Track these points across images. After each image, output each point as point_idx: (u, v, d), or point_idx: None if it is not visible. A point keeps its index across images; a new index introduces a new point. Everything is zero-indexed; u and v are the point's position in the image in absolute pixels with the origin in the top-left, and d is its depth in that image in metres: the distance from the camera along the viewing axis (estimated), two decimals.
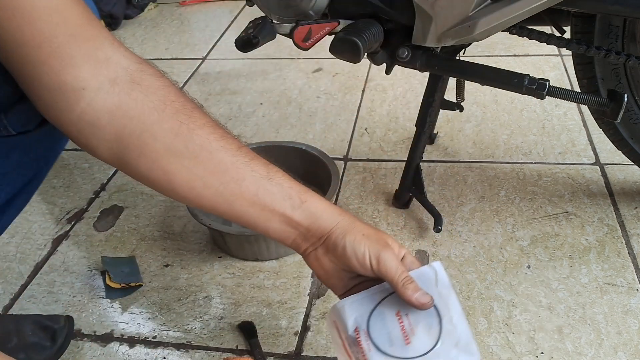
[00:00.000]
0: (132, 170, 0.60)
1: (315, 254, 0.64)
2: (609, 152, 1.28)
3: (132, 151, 0.58)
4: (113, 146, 0.58)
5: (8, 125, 0.66)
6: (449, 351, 0.58)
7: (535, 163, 1.28)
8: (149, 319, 1.00)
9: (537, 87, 0.90)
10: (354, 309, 0.63)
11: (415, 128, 1.12)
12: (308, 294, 1.02)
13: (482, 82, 0.97)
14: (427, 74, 1.06)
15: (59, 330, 0.93)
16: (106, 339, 0.97)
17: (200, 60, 1.90)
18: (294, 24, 0.90)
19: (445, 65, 0.97)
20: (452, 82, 1.20)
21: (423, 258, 1.07)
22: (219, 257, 1.11)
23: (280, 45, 1.81)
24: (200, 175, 0.59)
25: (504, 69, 0.94)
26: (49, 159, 0.76)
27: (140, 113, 0.57)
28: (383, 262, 0.60)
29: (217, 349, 0.93)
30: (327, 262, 0.64)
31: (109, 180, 1.36)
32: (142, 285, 1.06)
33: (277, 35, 0.92)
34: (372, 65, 1.73)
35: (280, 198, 0.62)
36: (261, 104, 1.61)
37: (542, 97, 0.91)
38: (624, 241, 1.06)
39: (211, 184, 0.60)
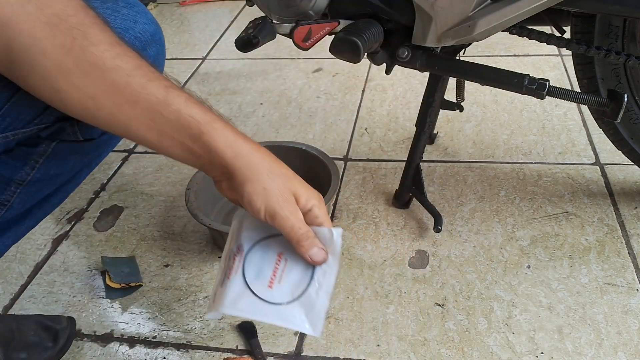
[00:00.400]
0: (26, 86, 0.58)
1: (221, 185, 0.61)
2: (609, 152, 1.28)
3: (23, 66, 0.55)
4: (3, 59, 0.55)
5: (78, 132, 0.69)
6: (298, 315, 0.58)
7: (535, 163, 1.28)
8: (149, 319, 1.00)
9: (537, 87, 0.90)
10: (252, 227, 0.63)
11: (415, 128, 1.12)
12: None
13: (482, 82, 0.97)
14: (427, 74, 1.06)
15: (60, 331, 0.93)
16: (106, 339, 0.97)
17: (200, 60, 1.90)
18: (294, 24, 0.90)
19: (445, 65, 0.97)
20: (452, 82, 1.20)
21: (423, 258, 1.07)
22: (219, 257, 1.11)
23: (280, 45, 1.81)
24: (92, 96, 0.56)
25: (504, 69, 0.94)
26: (92, 164, 0.79)
27: (30, 27, 0.53)
28: (278, 221, 0.58)
29: (217, 349, 0.93)
30: (233, 195, 0.61)
31: (109, 180, 1.36)
32: (142, 285, 1.06)
33: (277, 35, 0.92)
34: (372, 65, 1.73)
35: (179, 126, 0.57)
36: (261, 104, 1.61)
37: (542, 97, 0.91)
38: (624, 241, 1.06)
39: (104, 105, 0.56)
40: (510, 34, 0.93)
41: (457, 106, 1.23)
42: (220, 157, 0.57)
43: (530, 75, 0.90)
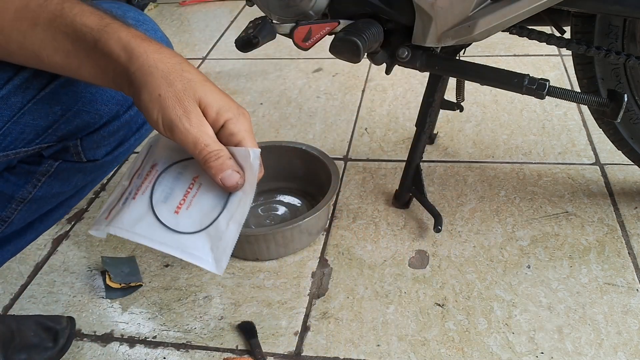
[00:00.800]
0: None
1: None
2: (609, 152, 1.28)
3: None
4: None
5: (82, 152, 0.68)
6: (202, 247, 0.50)
7: (535, 163, 1.28)
8: (149, 319, 1.00)
9: (537, 87, 0.90)
10: (172, 147, 0.54)
11: (415, 128, 1.12)
12: (308, 294, 1.02)
13: (482, 82, 0.97)
14: (427, 74, 1.06)
15: (60, 331, 0.93)
16: (106, 339, 0.97)
17: (200, 60, 1.90)
18: (294, 24, 0.90)
19: (445, 65, 0.97)
20: (452, 82, 1.20)
21: (423, 258, 1.07)
22: None
23: (280, 45, 1.81)
24: (0, 29, 0.53)
25: (504, 69, 0.94)
26: (96, 181, 0.78)
27: None
28: (177, 135, 0.49)
29: (217, 349, 0.93)
30: None
31: (109, 180, 1.36)
32: (142, 285, 1.06)
33: (277, 35, 0.92)
34: (372, 65, 1.73)
35: (76, 40, 0.51)
36: (261, 104, 1.61)
37: (542, 97, 0.91)
38: (624, 241, 1.06)
39: (11, 37, 0.53)
40: (510, 34, 0.93)
41: (457, 106, 1.23)
42: (116, 63, 0.50)
43: (530, 75, 0.90)
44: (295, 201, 1.22)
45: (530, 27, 0.92)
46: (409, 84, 1.62)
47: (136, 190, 0.53)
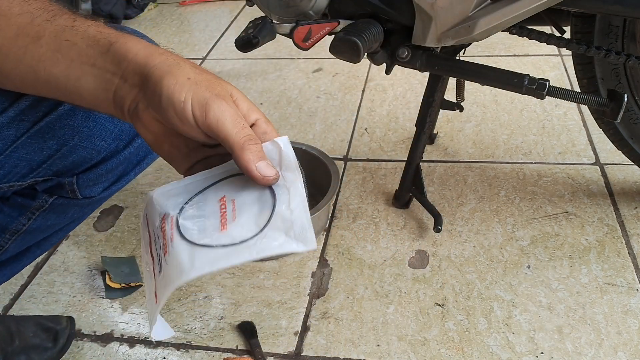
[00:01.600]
0: None
1: (137, 113, 0.48)
2: (609, 152, 1.28)
3: None
4: None
5: (77, 190, 0.67)
6: (275, 238, 0.44)
7: (535, 163, 1.28)
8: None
9: (537, 87, 0.90)
10: (172, 194, 0.50)
11: (415, 128, 1.12)
12: (308, 294, 1.02)
13: (482, 82, 0.97)
14: (427, 74, 1.06)
15: (60, 332, 0.93)
16: (106, 339, 0.97)
17: (200, 60, 1.90)
18: (294, 24, 0.90)
19: (445, 65, 0.97)
20: (452, 82, 1.20)
21: (423, 258, 1.07)
22: None
23: (280, 45, 1.81)
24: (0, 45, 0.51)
25: (504, 69, 0.94)
26: (95, 209, 0.77)
27: None
28: (214, 112, 0.44)
29: (217, 349, 0.93)
30: (151, 120, 0.48)
31: None
32: (142, 285, 1.06)
33: (277, 35, 0.92)
34: (372, 65, 1.73)
35: (85, 46, 0.49)
36: (261, 104, 1.61)
37: (542, 97, 0.91)
38: (624, 241, 1.06)
39: (11, 56, 0.51)
40: (510, 34, 0.93)
41: (457, 106, 1.23)
42: (133, 62, 0.47)
43: (530, 75, 0.90)
44: None
45: (530, 27, 0.92)
46: (409, 84, 1.62)
47: (163, 248, 0.46)
